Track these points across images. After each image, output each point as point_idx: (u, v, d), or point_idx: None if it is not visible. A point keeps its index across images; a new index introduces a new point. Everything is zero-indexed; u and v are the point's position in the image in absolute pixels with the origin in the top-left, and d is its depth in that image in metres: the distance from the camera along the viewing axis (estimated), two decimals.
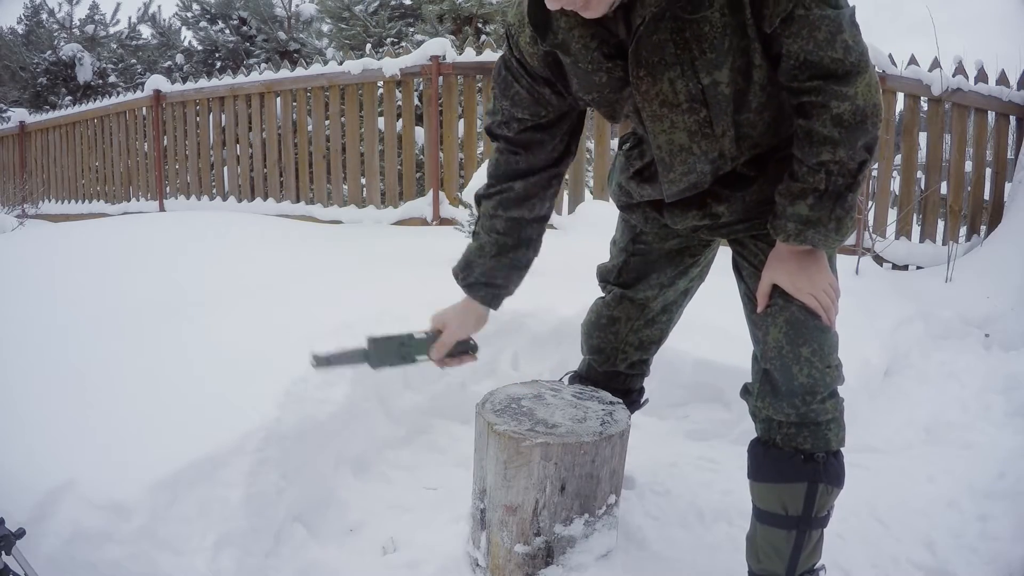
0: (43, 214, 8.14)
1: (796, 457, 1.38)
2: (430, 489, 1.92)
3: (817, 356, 1.36)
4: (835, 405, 1.40)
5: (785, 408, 1.37)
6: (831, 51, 1.19)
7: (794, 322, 1.36)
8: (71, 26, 12.26)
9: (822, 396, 1.36)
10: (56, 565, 1.32)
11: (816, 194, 1.26)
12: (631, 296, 1.69)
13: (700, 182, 1.40)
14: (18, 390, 1.79)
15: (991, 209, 4.48)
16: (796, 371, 1.36)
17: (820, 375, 1.36)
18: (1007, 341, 3.15)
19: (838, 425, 1.41)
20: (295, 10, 9.62)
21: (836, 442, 1.40)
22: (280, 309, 2.33)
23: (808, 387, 1.36)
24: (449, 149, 4.91)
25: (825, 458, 1.38)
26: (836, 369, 1.39)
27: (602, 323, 1.74)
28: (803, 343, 1.36)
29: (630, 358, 1.77)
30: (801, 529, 1.39)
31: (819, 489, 1.38)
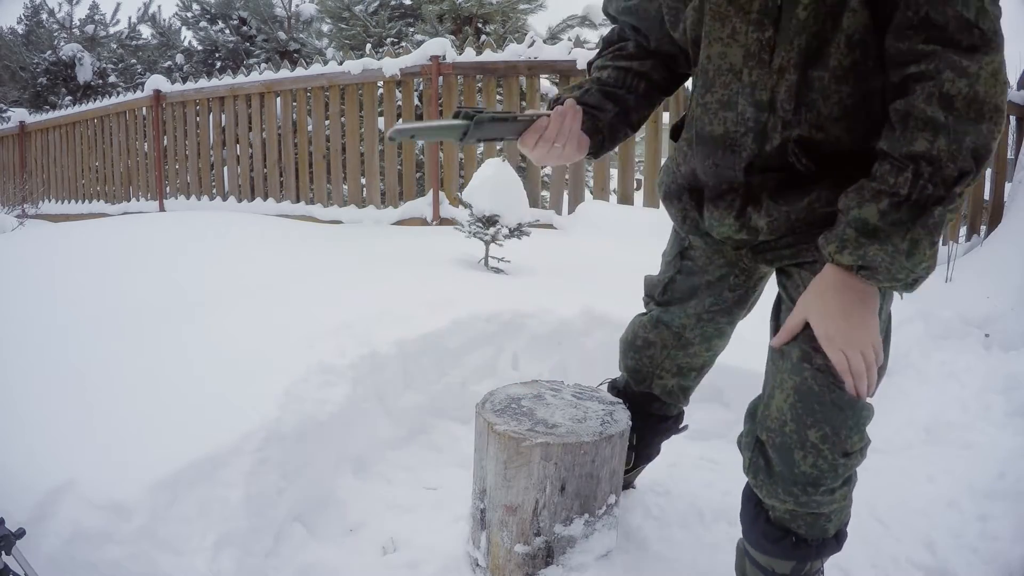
0: (43, 214, 8.14)
1: (788, 538, 1.22)
2: (430, 489, 1.92)
3: (828, 443, 1.11)
4: (844, 494, 1.19)
5: (780, 494, 1.17)
6: (963, 9, 0.93)
7: (805, 393, 1.11)
8: (71, 26, 12.27)
9: (828, 488, 1.14)
10: (56, 565, 1.32)
11: (894, 199, 0.96)
12: (667, 322, 1.53)
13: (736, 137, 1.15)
14: (18, 390, 1.79)
15: (991, 209, 4.48)
16: (799, 457, 1.13)
17: (829, 466, 1.12)
18: (1007, 341, 3.15)
19: (841, 511, 1.22)
20: (295, 10, 9.61)
21: (836, 527, 1.23)
22: (280, 309, 2.33)
23: (811, 479, 1.13)
24: (449, 149, 4.91)
25: (821, 542, 1.23)
26: (856, 456, 1.15)
27: (637, 344, 1.62)
28: (812, 424, 1.11)
29: (666, 383, 1.62)
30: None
31: (808, 566, 1.25)
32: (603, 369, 2.38)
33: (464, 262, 3.07)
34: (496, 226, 3.05)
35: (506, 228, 3.07)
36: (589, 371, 2.37)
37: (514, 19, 7.06)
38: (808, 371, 1.12)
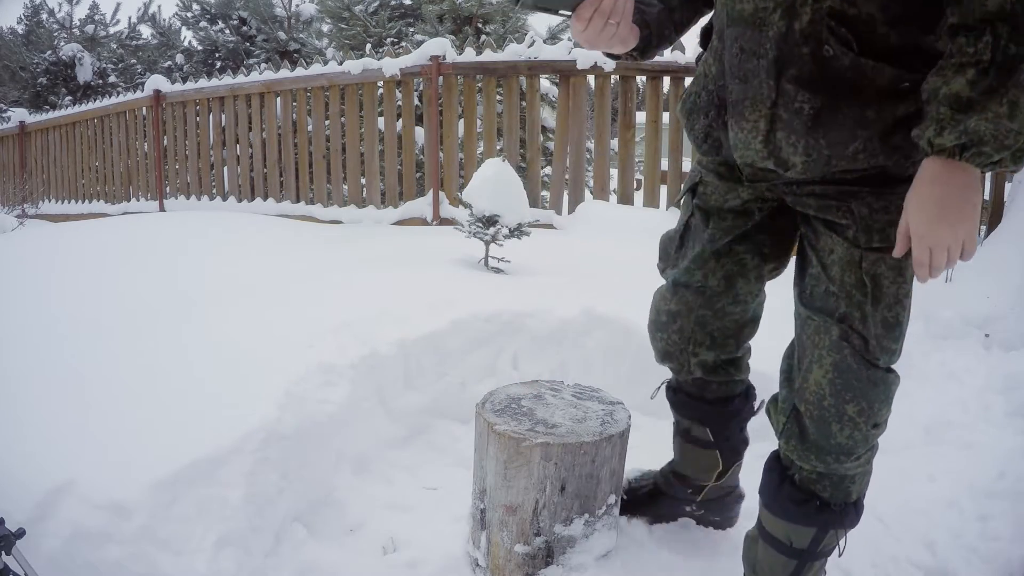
0: (43, 214, 8.14)
1: (812, 502, 1.27)
2: (430, 489, 1.92)
3: (864, 416, 1.18)
4: (869, 458, 1.26)
5: (812, 460, 1.23)
6: None
7: (844, 369, 1.18)
8: (71, 26, 12.27)
9: (858, 456, 1.22)
10: (56, 565, 1.32)
11: (979, 66, 0.92)
12: (685, 281, 1.43)
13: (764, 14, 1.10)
14: (18, 390, 1.79)
15: (991, 209, 4.48)
16: (836, 430, 1.19)
17: (863, 436, 1.19)
18: (1007, 341, 3.15)
19: (864, 475, 1.28)
20: (295, 10, 9.61)
21: (858, 492, 1.28)
22: (280, 309, 2.33)
23: (846, 448, 1.20)
24: (449, 149, 4.91)
25: (843, 507, 1.27)
26: (883, 425, 1.23)
27: (662, 321, 1.50)
28: (851, 400, 1.18)
29: (705, 359, 1.49)
30: (803, 560, 1.32)
31: (828, 534, 1.29)
32: (603, 369, 2.39)
33: (464, 262, 3.07)
34: (496, 226, 3.05)
35: (506, 228, 3.07)
36: (589, 371, 2.37)
37: (514, 19, 7.06)
38: (847, 349, 1.17)
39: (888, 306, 1.16)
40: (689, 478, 1.65)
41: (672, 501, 1.68)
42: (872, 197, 1.13)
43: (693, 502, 1.68)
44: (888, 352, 1.20)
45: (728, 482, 1.65)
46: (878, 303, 1.16)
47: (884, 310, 1.16)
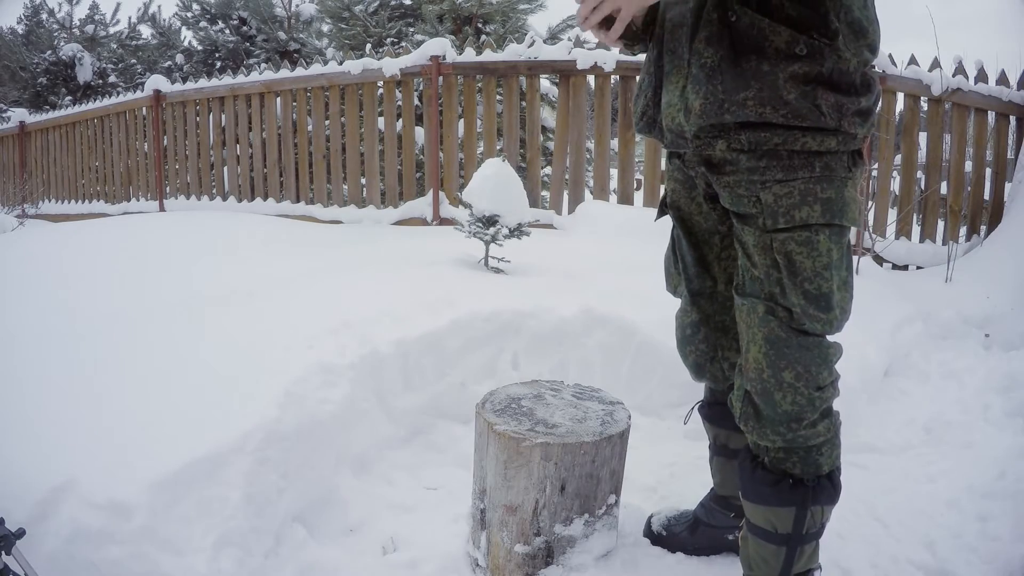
0: (43, 214, 8.14)
1: (784, 481, 1.31)
2: (430, 489, 1.92)
3: (803, 380, 1.26)
4: (828, 426, 1.30)
5: (770, 435, 1.29)
6: None
7: (774, 340, 1.26)
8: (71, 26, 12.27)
9: (810, 421, 1.28)
10: (56, 565, 1.32)
11: None
12: (697, 290, 1.49)
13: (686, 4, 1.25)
14: (18, 390, 1.79)
15: (991, 209, 4.48)
16: (779, 398, 1.27)
17: (807, 400, 1.26)
18: (1007, 341, 3.15)
19: (831, 446, 1.32)
20: (295, 10, 9.61)
21: (828, 464, 1.32)
22: (280, 309, 2.33)
23: (793, 414, 1.27)
24: (449, 149, 4.91)
25: (816, 481, 1.31)
26: (828, 388, 1.29)
27: (688, 335, 1.53)
28: (785, 366, 1.26)
29: (734, 360, 1.51)
30: (792, 545, 1.34)
31: (808, 512, 1.32)
32: (603, 369, 2.39)
33: (464, 262, 3.07)
34: (496, 226, 3.05)
35: (506, 228, 3.07)
36: (589, 371, 2.37)
37: (514, 19, 7.06)
38: (774, 321, 1.26)
39: (807, 279, 1.24)
40: (730, 498, 1.62)
41: (714, 531, 1.65)
42: (778, 186, 1.24)
43: (736, 527, 1.63)
44: (817, 320, 1.26)
45: None
46: (795, 276, 1.24)
47: (804, 283, 1.24)
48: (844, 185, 1.25)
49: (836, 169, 1.24)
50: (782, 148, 1.22)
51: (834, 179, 1.24)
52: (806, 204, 1.23)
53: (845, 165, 1.26)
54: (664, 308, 1.78)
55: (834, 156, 1.24)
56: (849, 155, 1.27)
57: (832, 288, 1.25)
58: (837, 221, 1.25)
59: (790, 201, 1.24)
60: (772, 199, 1.24)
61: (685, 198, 1.45)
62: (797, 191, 1.23)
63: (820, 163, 1.24)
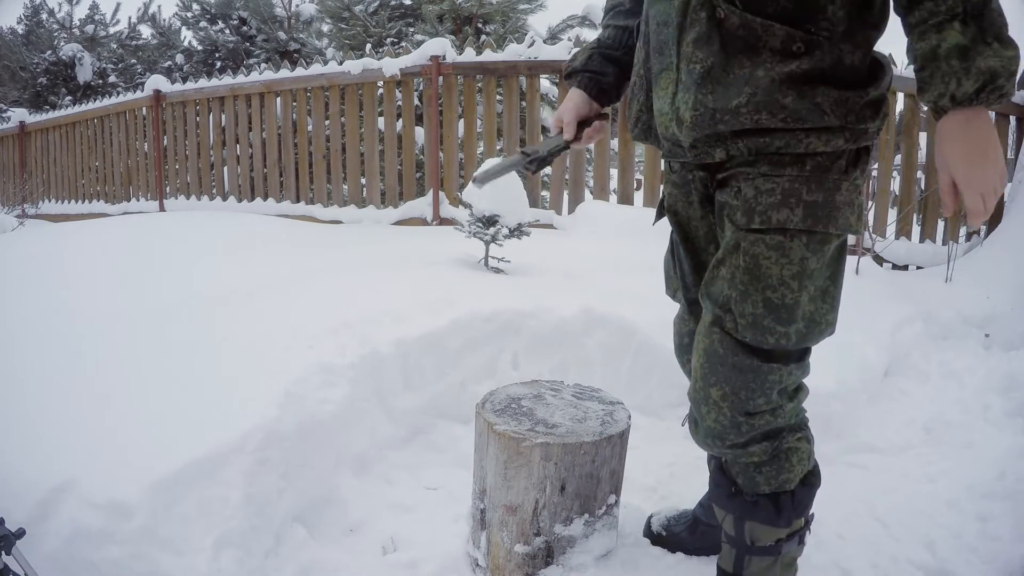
0: (43, 214, 8.14)
1: (726, 486, 1.30)
2: (430, 489, 1.92)
3: (728, 401, 1.19)
4: (765, 449, 1.23)
5: (701, 444, 1.27)
6: None
7: (711, 355, 1.20)
8: (71, 26, 12.27)
9: (733, 443, 1.22)
10: (56, 565, 1.32)
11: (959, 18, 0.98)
12: (696, 297, 1.41)
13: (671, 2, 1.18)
14: (18, 390, 1.79)
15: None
16: (704, 412, 1.23)
17: (730, 423, 1.20)
18: (1007, 341, 3.15)
19: (776, 469, 1.25)
20: (295, 10, 9.61)
21: (768, 486, 1.26)
22: (280, 309, 2.33)
23: (715, 433, 1.22)
24: (449, 149, 4.91)
25: (754, 498, 1.27)
26: (762, 416, 1.20)
27: (686, 343, 1.48)
28: (714, 383, 1.20)
29: None
30: (740, 552, 1.32)
31: (746, 525, 1.29)
32: (603, 369, 2.39)
33: (464, 262, 3.07)
34: (496, 226, 3.05)
35: (506, 228, 3.07)
36: (589, 371, 2.37)
37: (514, 19, 7.05)
38: (716, 334, 1.20)
39: (771, 287, 1.16)
40: None
41: (713, 530, 1.61)
42: (762, 180, 1.15)
43: None
44: (771, 333, 1.17)
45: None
46: (757, 283, 1.16)
47: (766, 290, 1.16)
48: (837, 188, 1.15)
49: (830, 169, 1.14)
50: (785, 151, 1.14)
51: (825, 180, 1.14)
52: (786, 206, 1.14)
53: (842, 167, 1.15)
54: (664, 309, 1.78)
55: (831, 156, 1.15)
56: (852, 153, 1.17)
57: (798, 300, 1.16)
58: (820, 228, 1.14)
59: (770, 200, 1.15)
60: (753, 193, 1.16)
61: (683, 202, 1.37)
62: (780, 189, 1.15)
63: (812, 161, 1.14)
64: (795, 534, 1.33)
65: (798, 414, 1.28)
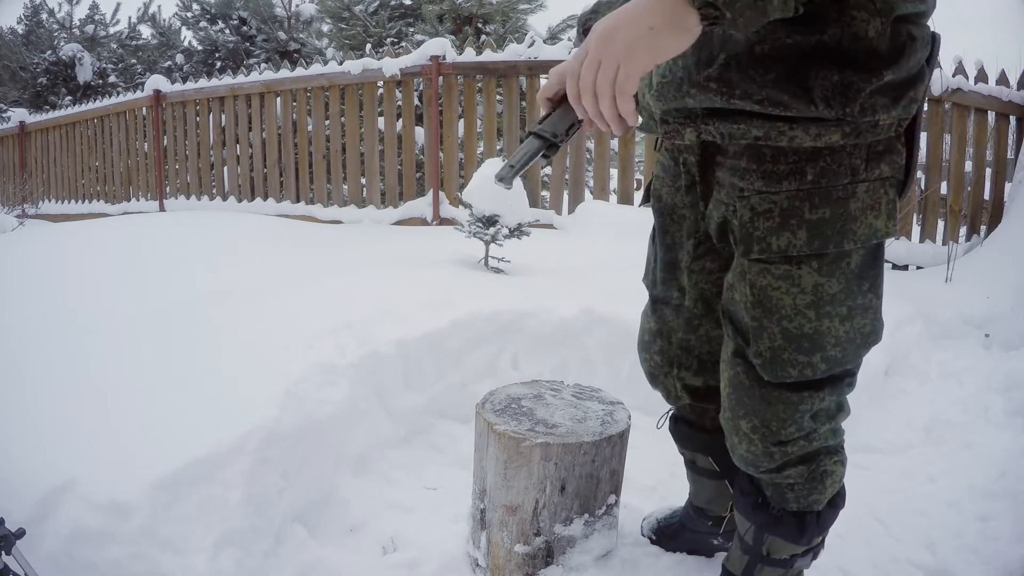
0: (43, 214, 8.14)
1: (752, 497, 1.25)
2: (430, 489, 1.92)
3: (758, 433, 1.12)
4: (801, 473, 1.18)
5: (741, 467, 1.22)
6: None
7: (737, 385, 1.13)
8: (71, 26, 12.27)
9: (767, 469, 1.17)
10: (56, 565, 1.32)
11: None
12: (664, 298, 1.33)
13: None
14: (19, 390, 1.79)
15: (991, 209, 4.48)
16: (736, 442, 1.18)
17: (762, 452, 1.14)
18: (1007, 341, 3.15)
19: (807, 490, 1.20)
20: (295, 10, 9.61)
21: (796, 504, 1.21)
22: (280, 309, 2.33)
23: (749, 461, 1.17)
24: (449, 149, 4.91)
25: (780, 513, 1.23)
26: (796, 443, 1.14)
27: (645, 340, 1.40)
28: (743, 416, 1.13)
29: (689, 383, 1.36)
30: (752, 559, 1.30)
31: (767, 538, 1.26)
32: (603, 369, 2.39)
33: (464, 262, 3.07)
34: (496, 226, 3.05)
35: (506, 228, 3.07)
36: (589, 371, 2.37)
37: (514, 19, 7.06)
38: (740, 366, 1.12)
39: (787, 317, 1.05)
40: (705, 510, 1.55)
41: (697, 536, 1.59)
42: (757, 198, 1.01)
43: (716, 534, 1.56)
44: (794, 365, 1.07)
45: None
46: (771, 315, 1.06)
47: (782, 321, 1.05)
48: (851, 194, 0.97)
49: (838, 176, 0.97)
50: (763, 144, 0.97)
51: (832, 191, 0.97)
52: (787, 229, 0.99)
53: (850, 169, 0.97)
54: None
55: (838, 156, 0.96)
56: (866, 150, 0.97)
57: (821, 327, 1.04)
58: (832, 248, 0.99)
59: (767, 224, 1.01)
60: (748, 216, 1.02)
61: (668, 187, 1.23)
62: (778, 210, 0.99)
63: (814, 169, 0.97)
64: (811, 550, 1.31)
65: (836, 436, 1.20)
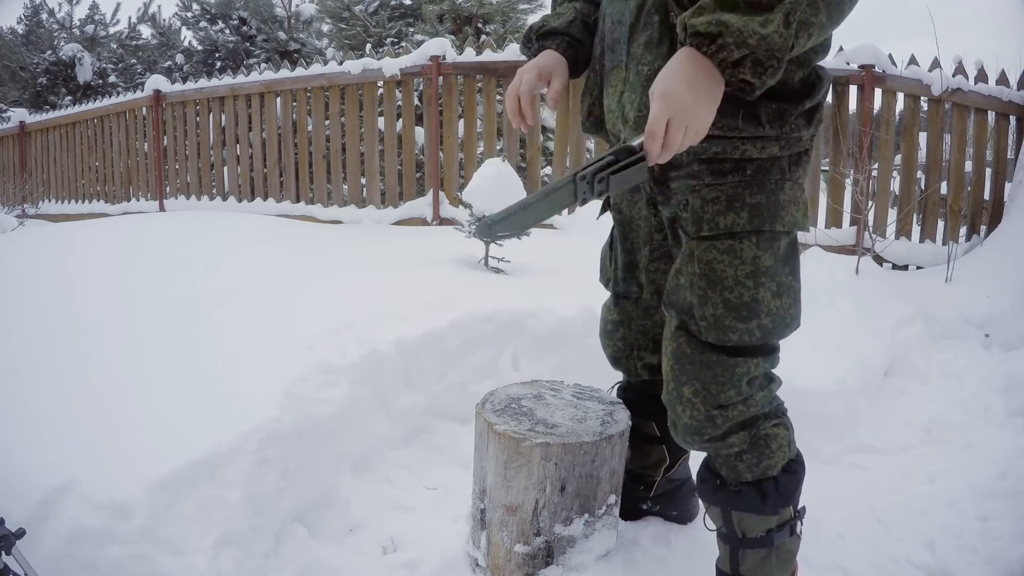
0: (43, 214, 8.14)
1: (711, 480, 1.35)
2: (430, 489, 1.92)
3: (700, 397, 1.24)
4: (743, 439, 1.27)
5: (682, 442, 1.32)
6: None
7: (680, 356, 1.26)
8: (71, 26, 12.27)
9: (711, 436, 1.26)
10: (56, 565, 1.32)
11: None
12: (624, 293, 1.56)
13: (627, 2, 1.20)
14: (19, 389, 1.79)
15: (991, 209, 4.48)
16: (680, 411, 1.28)
17: (705, 417, 1.25)
18: (1007, 341, 3.15)
19: (756, 456, 1.29)
20: (295, 10, 9.62)
21: (750, 474, 1.30)
22: (280, 309, 2.33)
23: (693, 429, 1.27)
24: (449, 149, 4.91)
25: (738, 487, 1.31)
26: (735, 407, 1.25)
27: (608, 330, 1.62)
28: (685, 382, 1.25)
29: (647, 361, 1.58)
30: (732, 546, 1.35)
31: (733, 516, 1.32)
32: (603, 369, 2.38)
33: (464, 262, 3.07)
34: None
35: None
36: (589, 371, 2.37)
37: (514, 19, 7.06)
38: (683, 336, 1.26)
39: (728, 287, 1.21)
40: (638, 474, 1.70)
41: (628, 500, 1.68)
42: (707, 189, 1.22)
43: (647, 498, 1.73)
44: (733, 331, 1.22)
45: (677, 475, 1.73)
46: (715, 285, 1.22)
47: (724, 292, 1.22)
48: (779, 188, 1.21)
49: (770, 171, 1.21)
50: (724, 156, 1.20)
51: (766, 183, 1.21)
52: (732, 210, 1.20)
53: (782, 168, 1.22)
54: None
55: (772, 161, 1.21)
56: (790, 158, 1.23)
57: (757, 296, 1.21)
58: (767, 227, 1.21)
59: (716, 208, 1.21)
60: (699, 204, 1.23)
61: (627, 201, 1.47)
62: (724, 196, 1.21)
63: (752, 167, 1.20)
64: (785, 524, 1.35)
65: (772, 402, 1.32)
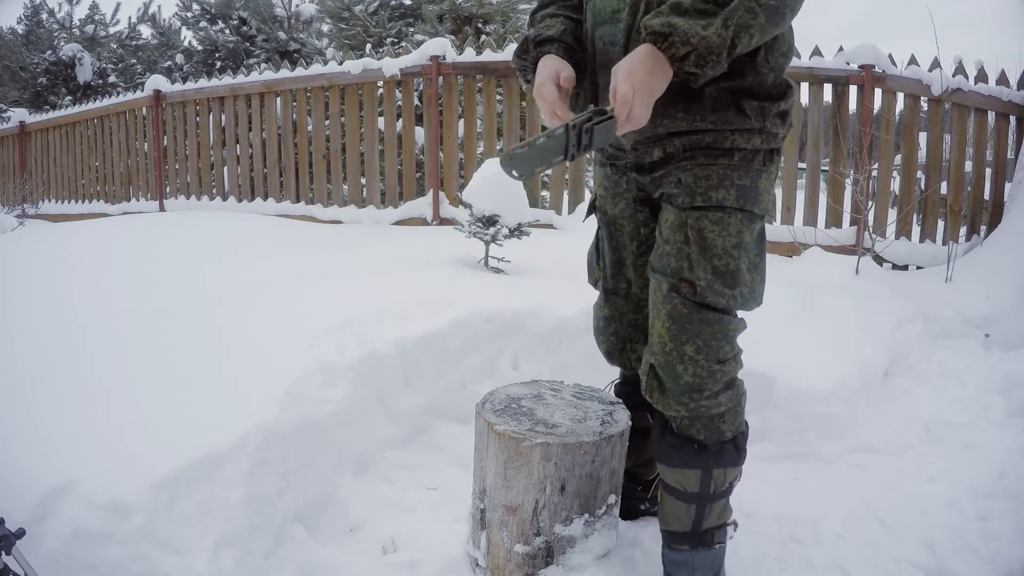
0: (43, 214, 8.14)
1: (689, 446, 1.41)
2: (430, 489, 1.92)
3: (703, 353, 1.34)
4: (730, 397, 1.39)
5: (673, 405, 1.37)
6: None
7: (676, 316, 1.34)
8: (71, 26, 12.27)
9: (711, 392, 1.36)
10: (56, 565, 1.32)
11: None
12: (614, 288, 1.62)
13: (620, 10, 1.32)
14: (19, 390, 1.79)
15: (991, 209, 4.48)
16: (681, 370, 1.35)
17: (707, 372, 1.34)
18: (1007, 341, 3.15)
19: (735, 414, 1.42)
20: (295, 10, 9.61)
21: (731, 431, 1.42)
22: (281, 309, 2.33)
23: (695, 386, 1.35)
24: (449, 149, 4.91)
25: (720, 447, 1.41)
26: (730, 362, 1.37)
27: (600, 326, 1.68)
28: (687, 340, 1.34)
29: (640, 353, 1.63)
30: (701, 504, 1.44)
31: (713, 474, 1.41)
32: (603, 369, 2.38)
33: (464, 262, 3.07)
34: (496, 226, 3.05)
35: (506, 228, 3.07)
36: (589, 371, 2.37)
37: (514, 19, 7.06)
38: (677, 298, 1.35)
39: (716, 255, 1.33)
40: (635, 473, 1.73)
41: (626, 500, 1.69)
42: (698, 168, 1.35)
43: (644, 499, 1.77)
44: (721, 295, 1.34)
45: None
46: (706, 252, 1.33)
47: (713, 259, 1.33)
48: (759, 176, 1.36)
49: (753, 160, 1.35)
50: (714, 147, 1.34)
51: (750, 169, 1.35)
52: (723, 187, 1.33)
53: (762, 159, 1.37)
54: None
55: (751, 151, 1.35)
56: (766, 152, 1.37)
57: (739, 267, 1.34)
58: (749, 207, 1.35)
59: (708, 183, 1.34)
60: (692, 179, 1.35)
61: (611, 203, 1.56)
62: (715, 175, 1.34)
63: (739, 154, 1.34)
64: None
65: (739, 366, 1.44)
